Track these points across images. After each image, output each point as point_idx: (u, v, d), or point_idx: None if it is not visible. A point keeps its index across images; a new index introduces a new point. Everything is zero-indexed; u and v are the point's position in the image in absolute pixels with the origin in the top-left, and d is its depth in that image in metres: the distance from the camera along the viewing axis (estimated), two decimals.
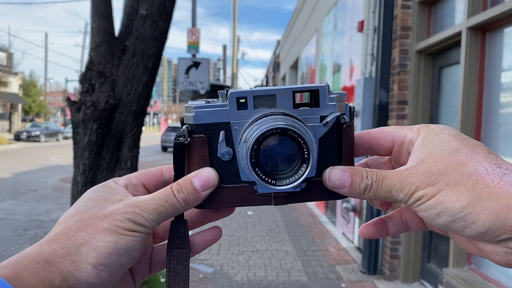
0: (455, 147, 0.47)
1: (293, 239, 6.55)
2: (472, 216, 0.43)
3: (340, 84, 7.35)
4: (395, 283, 4.74)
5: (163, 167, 0.56)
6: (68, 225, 0.46)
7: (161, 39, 3.88)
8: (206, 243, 0.56)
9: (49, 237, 0.46)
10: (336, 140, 0.52)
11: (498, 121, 3.52)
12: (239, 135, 0.50)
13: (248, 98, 0.50)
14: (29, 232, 6.71)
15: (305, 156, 0.48)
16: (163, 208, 0.48)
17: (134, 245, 0.46)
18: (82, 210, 0.48)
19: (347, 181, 0.49)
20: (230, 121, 0.50)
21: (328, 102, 0.51)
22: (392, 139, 0.54)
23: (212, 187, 0.51)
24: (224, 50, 32.80)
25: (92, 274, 0.44)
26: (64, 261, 0.43)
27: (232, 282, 4.78)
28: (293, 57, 14.33)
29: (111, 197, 0.49)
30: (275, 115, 0.49)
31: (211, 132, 0.51)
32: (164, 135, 26.23)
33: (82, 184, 3.70)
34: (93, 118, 3.67)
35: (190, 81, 10.08)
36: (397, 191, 0.46)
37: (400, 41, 4.71)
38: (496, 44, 3.56)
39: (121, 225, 0.46)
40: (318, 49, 9.62)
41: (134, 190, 0.53)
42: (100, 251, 0.44)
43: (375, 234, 0.55)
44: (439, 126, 0.51)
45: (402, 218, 0.55)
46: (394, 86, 4.81)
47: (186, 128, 0.51)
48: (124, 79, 3.78)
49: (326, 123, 0.50)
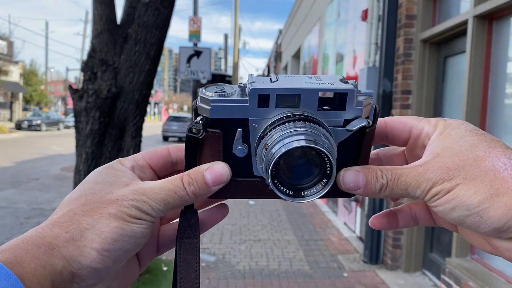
0: (472, 142, 0.46)
1: (294, 228, 6.56)
2: (488, 212, 0.42)
3: (343, 74, 7.29)
4: (397, 272, 4.75)
5: (170, 147, 0.54)
6: (72, 208, 0.45)
7: (163, 26, 3.84)
8: (213, 221, 0.55)
9: (52, 220, 0.44)
10: (355, 144, 0.49)
11: (504, 111, 3.50)
12: (256, 132, 0.48)
13: (271, 96, 0.46)
14: (31, 220, 6.72)
15: (327, 172, 0.46)
16: (172, 199, 0.47)
17: (140, 231, 0.45)
18: (87, 193, 0.46)
19: (361, 182, 0.47)
20: (249, 118, 0.47)
21: (355, 106, 0.48)
22: (409, 130, 0.52)
23: (224, 183, 0.49)
24: (226, 39, 32.66)
25: (97, 259, 0.43)
26: (68, 246, 0.42)
27: (234, 270, 4.80)
28: (295, 47, 14.24)
29: (118, 180, 0.47)
30: (299, 121, 0.46)
31: (227, 127, 0.48)
32: (165, 124, 26.21)
33: (85, 173, 3.69)
34: (95, 106, 3.65)
35: (192, 70, 10.02)
36: (413, 188, 0.45)
37: (405, 30, 4.66)
38: (503, 33, 3.52)
39: (128, 212, 0.44)
40: (320, 38, 9.55)
41: (141, 172, 0.51)
42: (105, 237, 0.43)
43: (386, 225, 0.54)
44: (456, 121, 0.49)
45: (411, 212, 0.54)
46: (398, 76, 4.78)
47: (200, 120, 0.48)
48: (126, 67, 3.75)
49: (349, 130, 0.48)
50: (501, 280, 3.21)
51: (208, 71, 10.09)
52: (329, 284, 4.44)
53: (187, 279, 0.50)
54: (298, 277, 4.63)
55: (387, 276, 4.66)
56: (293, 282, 4.50)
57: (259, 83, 0.46)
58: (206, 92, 0.47)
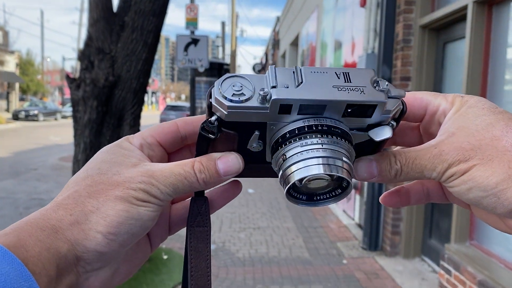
0: (489, 121, 0.44)
1: (294, 216, 6.59)
2: (506, 193, 0.41)
3: (341, 62, 7.27)
4: (396, 259, 4.78)
5: (178, 121, 0.51)
6: (78, 190, 0.43)
7: (160, 14, 3.80)
8: (225, 199, 0.53)
9: (57, 201, 0.43)
10: (374, 144, 0.47)
11: (503, 97, 3.49)
12: (273, 132, 0.45)
13: (294, 105, 0.42)
14: (30, 210, 6.72)
15: (343, 185, 0.44)
16: (181, 185, 0.45)
17: (147, 215, 0.43)
18: (93, 173, 0.44)
19: (375, 170, 0.46)
20: (268, 122, 0.44)
21: (382, 115, 0.44)
22: (425, 107, 0.50)
23: (235, 174, 0.47)
24: (223, 27, 32.44)
25: (102, 243, 0.41)
26: (72, 228, 0.41)
27: (234, 258, 4.82)
28: (293, 34, 14.15)
29: (126, 160, 0.46)
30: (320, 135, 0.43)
31: (244, 129, 0.45)
32: (163, 114, 26.15)
33: (83, 162, 3.67)
34: (92, 95, 3.63)
35: (189, 58, 9.95)
36: (429, 170, 0.44)
37: (404, 15, 4.62)
38: (503, 18, 3.49)
39: (134, 194, 0.43)
40: (319, 25, 9.48)
41: (150, 150, 0.49)
42: (110, 220, 0.41)
43: (397, 203, 0.54)
44: (473, 97, 0.48)
45: (423, 188, 0.54)
46: (397, 62, 4.75)
47: (215, 121, 0.44)
48: (124, 55, 3.71)
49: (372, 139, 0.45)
50: (500, 266, 3.23)
51: (205, 59, 10.02)
52: (329, 271, 4.47)
53: (198, 267, 0.49)
54: (297, 264, 4.66)
55: (386, 263, 4.69)
56: (292, 269, 4.53)
57: (281, 86, 0.42)
58: (222, 92, 0.43)
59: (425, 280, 4.30)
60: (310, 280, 4.26)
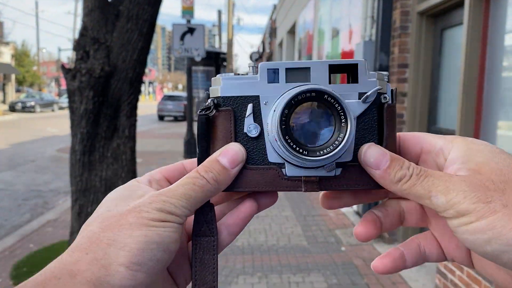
0: (509, 161, 0.40)
1: (292, 205, 6.61)
2: None
3: (339, 49, 7.23)
4: (395, 246, 4.80)
5: (184, 162, 0.52)
6: (91, 229, 0.41)
7: (156, 2, 3.76)
8: (242, 220, 0.51)
9: (72, 246, 0.41)
10: (376, 121, 0.47)
11: (501, 84, 3.48)
12: (268, 111, 0.47)
13: (280, 70, 0.47)
14: (29, 202, 6.73)
15: (342, 124, 0.43)
16: (193, 192, 0.44)
17: (168, 236, 0.41)
18: (103, 212, 0.43)
19: (384, 163, 0.43)
20: (260, 95, 0.47)
21: (368, 78, 0.46)
22: (421, 145, 0.48)
23: (241, 162, 0.47)
24: (219, 15, 32.19)
25: (126, 276, 0.38)
26: (91, 267, 0.38)
27: (233, 247, 4.84)
28: (290, 22, 14.05)
29: (133, 193, 0.45)
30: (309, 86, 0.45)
31: (238, 105, 0.47)
32: (161, 104, 26.04)
33: (81, 153, 3.67)
34: (88, 85, 3.60)
35: (186, 47, 9.89)
36: (438, 192, 0.40)
37: (401, 2, 4.59)
38: (500, 4, 3.46)
39: (149, 216, 0.41)
40: (316, 13, 9.41)
41: (158, 185, 0.49)
42: (130, 249, 0.39)
43: (390, 269, 0.49)
44: (477, 140, 0.45)
45: (420, 248, 0.49)
46: (394, 49, 4.73)
47: (212, 101, 0.48)
48: (119, 45, 3.68)
49: (365, 98, 0.46)
50: None
51: (202, 48, 9.96)
52: (327, 258, 4.49)
53: (204, 281, 0.47)
54: (296, 252, 4.68)
55: (385, 250, 4.71)
56: (291, 257, 4.56)
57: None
58: (219, 75, 0.49)
59: (424, 266, 4.33)
60: (308, 267, 4.29)
